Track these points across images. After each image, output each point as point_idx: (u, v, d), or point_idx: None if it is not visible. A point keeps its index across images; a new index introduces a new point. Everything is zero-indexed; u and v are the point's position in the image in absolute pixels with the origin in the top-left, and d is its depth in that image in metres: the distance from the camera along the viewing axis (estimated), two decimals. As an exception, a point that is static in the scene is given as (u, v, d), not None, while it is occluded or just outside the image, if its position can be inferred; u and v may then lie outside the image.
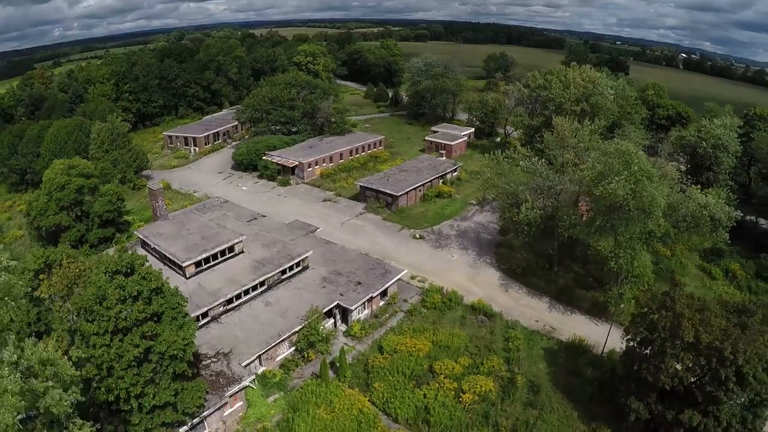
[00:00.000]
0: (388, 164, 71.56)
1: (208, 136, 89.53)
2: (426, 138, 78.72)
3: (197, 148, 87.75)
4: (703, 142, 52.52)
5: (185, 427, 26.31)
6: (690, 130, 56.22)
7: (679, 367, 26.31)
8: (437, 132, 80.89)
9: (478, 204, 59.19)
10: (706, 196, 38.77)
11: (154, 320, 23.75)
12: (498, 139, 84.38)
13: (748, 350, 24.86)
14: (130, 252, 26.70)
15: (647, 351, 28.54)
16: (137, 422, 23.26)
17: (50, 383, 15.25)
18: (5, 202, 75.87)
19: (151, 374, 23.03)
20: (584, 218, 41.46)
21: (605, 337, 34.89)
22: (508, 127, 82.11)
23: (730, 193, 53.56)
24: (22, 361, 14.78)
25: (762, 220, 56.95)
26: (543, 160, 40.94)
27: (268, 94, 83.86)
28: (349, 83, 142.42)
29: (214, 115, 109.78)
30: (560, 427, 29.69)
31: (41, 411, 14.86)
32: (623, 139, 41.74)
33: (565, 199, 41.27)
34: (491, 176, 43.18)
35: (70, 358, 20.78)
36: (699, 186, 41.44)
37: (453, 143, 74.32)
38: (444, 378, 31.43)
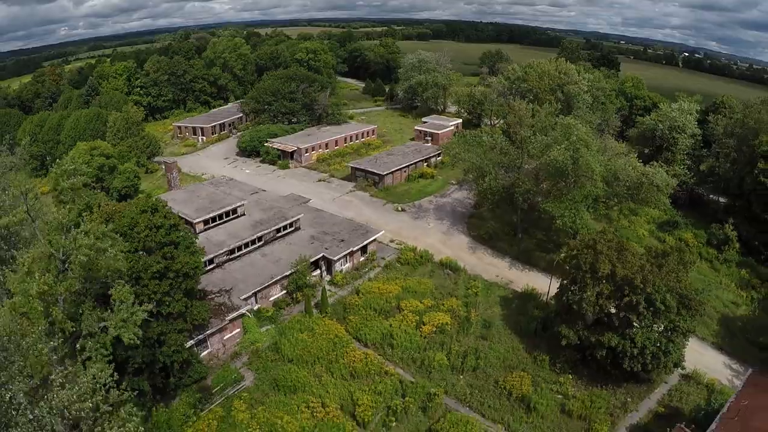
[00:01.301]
0: (379, 150, 78.47)
1: (214, 126, 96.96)
2: (416, 128, 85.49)
3: (204, 138, 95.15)
4: (660, 124, 58.66)
5: (192, 342, 33.21)
6: (652, 115, 62.21)
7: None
8: (426, 122, 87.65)
9: (457, 184, 65.79)
10: (647, 167, 45.10)
11: (172, 246, 30.69)
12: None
13: (657, 281, 31.17)
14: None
15: (574, 287, 34.96)
16: (155, 326, 30.13)
17: (110, 243, 22.05)
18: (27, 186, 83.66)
19: (169, 287, 29.90)
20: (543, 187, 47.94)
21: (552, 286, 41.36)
22: (493, 118, 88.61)
23: (687, 170, 60.02)
24: (90, 229, 21.36)
25: (718, 197, 62.77)
26: (503, 137, 47.54)
27: (270, 87, 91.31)
28: (349, 80, 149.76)
29: (221, 108, 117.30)
30: (506, 354, 36.22)
31: (100, 268, 21.56)
32: (576, 118, 48.07)
33: (527, 172, 47.72)
34: (458, 150, 49.91)
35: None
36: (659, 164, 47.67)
37: (440, 132, 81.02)
38: (408, 312, 38.16)
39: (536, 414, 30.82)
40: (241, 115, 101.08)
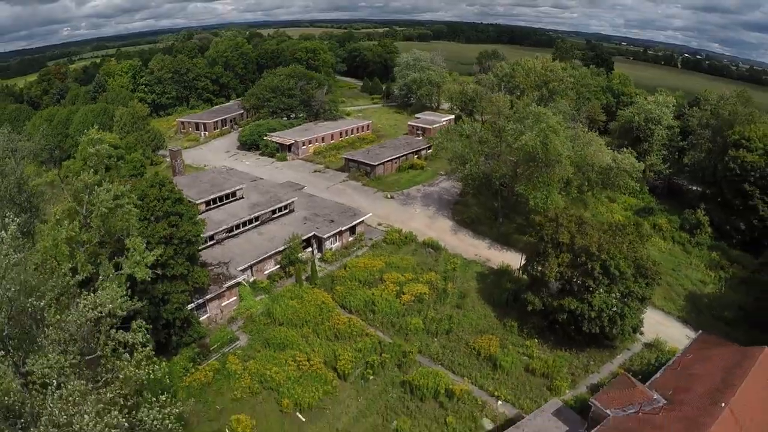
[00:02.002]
0: (373, 144, 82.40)
1: (216, 121, 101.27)
2: (409, 123, 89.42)
3: (207, 133, 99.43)
4: (636, 116, 62.28)
5: (192, 305, 37.10)
6: (630, 108, 65.83)
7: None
8: (420, 118, 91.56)
9: (445, 174, 69.59)
10: (618, 153, 48.78)
11: (177, 216, 34.66)
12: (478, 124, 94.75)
13: (612, 250, 34.79)
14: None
15: (539, 258, 38.63)
16: (160, 287, 34.02)
17: (126, 200, 26.02)
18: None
19: (173, 252, 33.82)
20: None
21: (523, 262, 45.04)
22: (484, 114, 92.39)
23: (663, 161, 63.47)
24: (110, 188, 25.45)
25: (696, 186, 66.10)
26: (482, 127, 51.37)
27: (270, 84, 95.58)
28: (348, 79, 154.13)
29: (222, 105, 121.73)
30: (478, 321, 39.91)
31: (116, 222, 25.51)
32: (549, 108, 51.74)
33: (505, 159, 51.45)
34: (441, 140, 53.78)
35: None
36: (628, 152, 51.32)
37: (431, 127, 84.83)
38: (390, 283, 41.97)
39: (502, 371, 34.45)
40: (242, 111, 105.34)
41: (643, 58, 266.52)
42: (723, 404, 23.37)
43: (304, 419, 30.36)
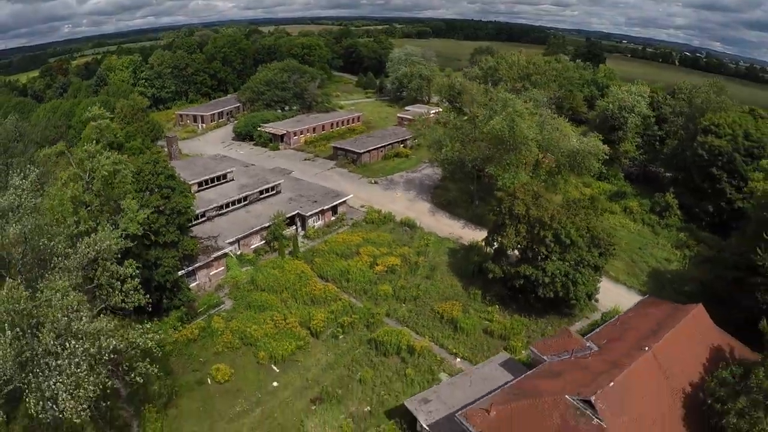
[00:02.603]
0: (362, 134, 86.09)
1: (213, 114, 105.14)
2: (398, 115, 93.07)
3: (204, 125, 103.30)
4: (610, 105, 65.65)
5: (183, 272, 40.83)
6: (605, 97, 69.16)
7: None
8: (409, 110, 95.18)
9: (428, 162, 73.20)
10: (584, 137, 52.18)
11: (169, 189, 38.40)
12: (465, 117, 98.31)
13: (563, 220, 38.26)
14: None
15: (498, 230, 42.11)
16: (153, 252, 37.75)
17: (123, 166, 29.86)
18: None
19: (165, 221, 37.51)
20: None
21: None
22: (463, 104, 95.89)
23: (636, 147, 66.65)
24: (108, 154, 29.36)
25: (667, 172, 69.30)
26: (456, 114, 54.99)
27: (264, 78, 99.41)
28: (344, 74, 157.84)
29: (220, 99, 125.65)
30: (445, 289, 43.48)
31: (115, 187, 29.32)
32: (524, 96, 55.08)
33: (479, 144, 54.81)
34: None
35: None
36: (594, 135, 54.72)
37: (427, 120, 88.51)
38: (365, 256, 45.64)
39: (462, 332, 37.98)
40: (239, 104, 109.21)
41: (641, 56, 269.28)
42: (646, 348, 26.70)
43: (277, 370, 34.06)
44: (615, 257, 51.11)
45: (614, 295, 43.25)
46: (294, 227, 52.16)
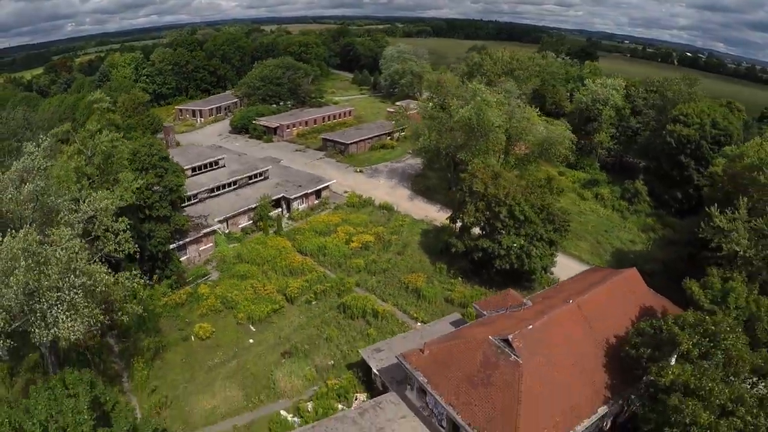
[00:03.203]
0: (351, 127, 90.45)
1: (211, 109, 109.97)
2: (387, 109, 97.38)
3: (203, 119, 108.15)
4: (584, 97, 69.55)
5: (174, 245, 45.25)
6: (581, 90, 73.01)
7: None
8: (399, 105, 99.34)
9: (412, 153, 77.36)
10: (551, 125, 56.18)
11: (163, 169, 42.85)
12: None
13: (518, 197, 42.17)
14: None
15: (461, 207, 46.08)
16: (147, 225, 42.14)
17: (121, 143, 34.36)
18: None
19: (159, 197, 41.93)
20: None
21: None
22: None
23: (610, 138, 70.34)
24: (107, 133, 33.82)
25: (641, 162, 72.95)
26: (433, 104, 59.17)
27: (260, 74, 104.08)
28: (341, 72, 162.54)
29: (219, 95, 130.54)
30: (414, 264, 47.55)
31: (113, 162, 33.80)
32: (501, 89, 59.12)
33: (452, 132, 58.63)
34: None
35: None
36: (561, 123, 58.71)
37: (408, 113, 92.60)
38: (342, 233, 49.92)
39: (424, 300, 42.02)
40: (237, 100, 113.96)
41: (641, 56, 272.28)
42: (571, 301, 30.66)
43: (254, 329, 38.35)
44: (581, 239, 55.43)
45: (576, 271, 46.56)
46: (280, 209, 56.54)
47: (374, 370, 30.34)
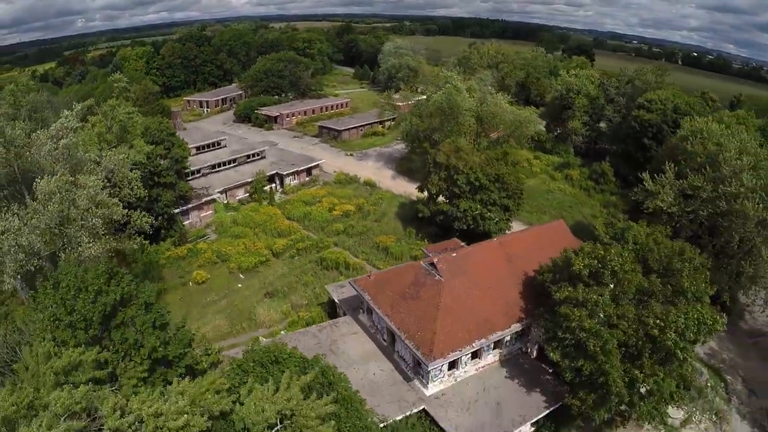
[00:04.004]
0: (346, 116, 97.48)
1: (217, 100, 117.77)
2: (380, 100, 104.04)
3: (209, 109, 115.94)
4: (559, 86, 75.63)
5: (178, 210, 52.42)
6: (556, 80, 79.09)
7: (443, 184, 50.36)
8: (386, 94, 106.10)
9: (402, 140, 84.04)
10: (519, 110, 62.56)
11: (170, 143, 50.09)
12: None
13: (474, 167, 48.57)
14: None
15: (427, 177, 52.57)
16: (155, 190, 49.24)
17: (135, 116, 41.59)
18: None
19: (167, 166, 49.08)
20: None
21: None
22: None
23: (583, 125, 76.35)
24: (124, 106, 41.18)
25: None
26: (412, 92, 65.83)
27: (263, 67, 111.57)
28: (344, 67, 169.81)
29: (225, 87, 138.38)
30: (388, 229, 54.19)
31: (129, 131, 41.08)
32: (475, 78, 65.60)
33: (433, 119, 65.23)
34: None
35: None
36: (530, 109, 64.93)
37: (402, 104, 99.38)
38: (326, 203, 56.78)
39: (392, 256, 48.55)
40: (241, 92, 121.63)
41: (646, 55, 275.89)
42: (495, 240, 36.96)
43: (243, 276, 45.36)
44: (545, 213, 61.62)
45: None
46: (273, 184, 63.59)
47: (336, 301, 37.11)
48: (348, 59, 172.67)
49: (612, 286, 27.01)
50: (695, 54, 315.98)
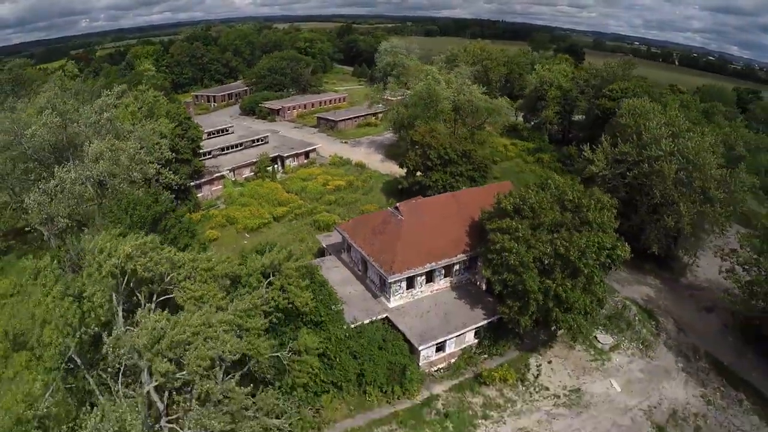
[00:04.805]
0: (342, 109, 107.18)
1: (224, 95, 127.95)
2: (370, 93, 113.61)
3: (216, 104, 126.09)
4: (534, 80, 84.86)
5: (192, 183, 61.93)
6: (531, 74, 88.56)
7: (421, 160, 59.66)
8: (376, 87, 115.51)
9: (391, 128, 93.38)
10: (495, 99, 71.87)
11: (187, 124, 59.72)
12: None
13: (446, 144, 57.80)
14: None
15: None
16: (174, 165, 58.74)
17: (161, 98, 51.23)
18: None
19: (184, 144, 58.60)
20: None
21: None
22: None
23: (555, 114, 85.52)
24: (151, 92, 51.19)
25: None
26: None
27: (266, 65, 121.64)
28: (344, 66, 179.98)
29: (230, 84, 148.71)
30: (373, 200, 63.47)
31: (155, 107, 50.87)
32: (456, 72, 75.17)
33: (419, 108, 74.51)
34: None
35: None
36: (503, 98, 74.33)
37: (394, 99, 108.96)
38: (320, 178, 66.24)
39: (377, 223, 57.92)
40: (246, 88, 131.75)
41: (644, 56, 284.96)
42: (449, 193, 46.09)
43: (248, 235, 54.72)
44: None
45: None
46: (276, 165, 73.17)
47: (324, 246, 46.43)
48: (348, 58, 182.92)
49: (531, 219, 36.03)
50: (695, 55, 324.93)
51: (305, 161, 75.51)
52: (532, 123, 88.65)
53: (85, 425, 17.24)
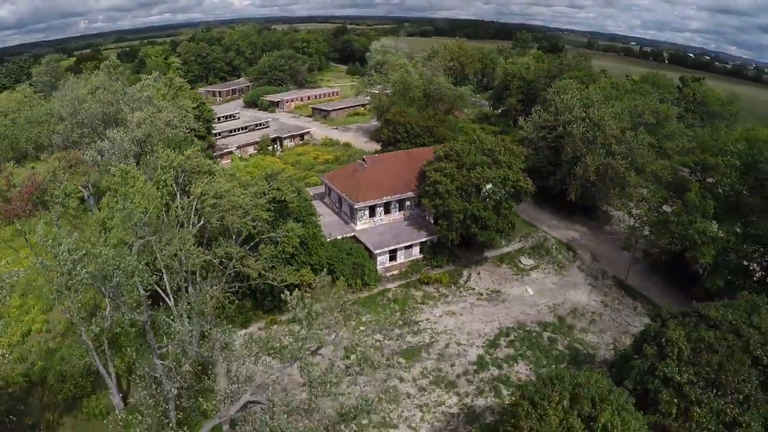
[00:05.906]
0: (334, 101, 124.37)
1: (228, 90, 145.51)
2: (356, 84, 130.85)
3: (221, 98, 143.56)
4: (499, 72, 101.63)
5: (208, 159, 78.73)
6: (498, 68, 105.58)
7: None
8: (362, 80, 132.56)
9: (375, 116, 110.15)
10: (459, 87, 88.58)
11: (203, 107, 76.67)
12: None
13: (412, 121, 74.42)
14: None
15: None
16: (189, 140, 75.53)
17: (186, 85, 68.04)
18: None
19: (201, 124, 75.46)
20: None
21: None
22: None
23: (519, 101, 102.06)
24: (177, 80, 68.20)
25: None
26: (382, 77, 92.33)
27: (267, 63, 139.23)
28: (339, 65, 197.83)
29: (234, 80, 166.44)
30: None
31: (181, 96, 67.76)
32: (430, 66, 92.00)
33: (396, 96, 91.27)
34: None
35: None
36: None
37: (377, 92, 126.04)
38: (312, 153, 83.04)
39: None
40: (249, 84, 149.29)
41: (636, 55, 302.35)
42: (404, 150, 62.60)
43: (255, 193, 71.35)
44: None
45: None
46: (275, 144, 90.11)
47: (312, 194, 62.97)
48: (343, 57, 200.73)
49: (456, 161, 52.47)
50: (691, 55, 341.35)
51: (300, 142, 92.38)
52: (500, 110, 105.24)
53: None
